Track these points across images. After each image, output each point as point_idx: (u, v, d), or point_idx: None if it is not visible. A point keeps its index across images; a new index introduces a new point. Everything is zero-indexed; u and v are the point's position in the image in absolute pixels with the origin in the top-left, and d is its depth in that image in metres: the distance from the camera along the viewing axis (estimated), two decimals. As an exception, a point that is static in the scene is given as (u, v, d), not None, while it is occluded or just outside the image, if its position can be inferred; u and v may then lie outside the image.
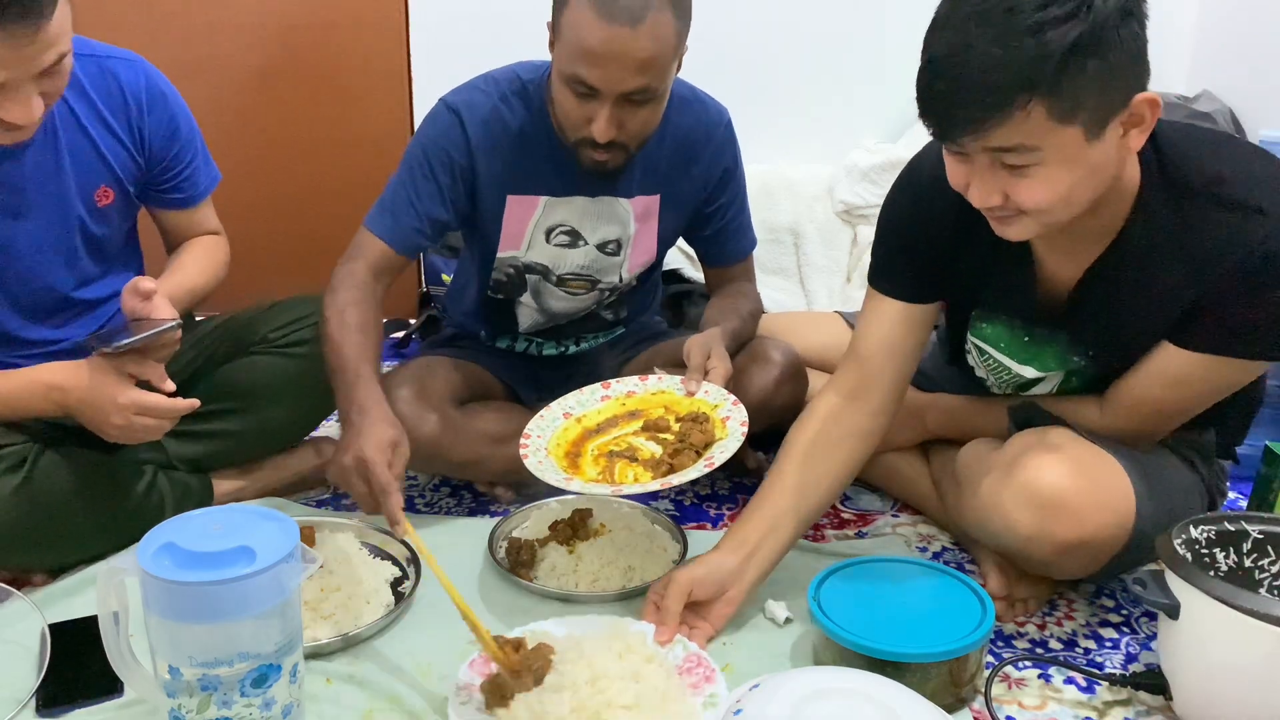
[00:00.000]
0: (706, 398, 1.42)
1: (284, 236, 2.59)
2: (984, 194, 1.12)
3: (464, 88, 1.59)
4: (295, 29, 2.48)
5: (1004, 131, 1.04)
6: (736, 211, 1.73)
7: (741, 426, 1.34)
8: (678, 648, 1.22)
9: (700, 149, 1.64)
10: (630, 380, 1.49)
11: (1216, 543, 1.19)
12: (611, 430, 1.43)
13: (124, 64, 1.46)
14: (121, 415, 1.32)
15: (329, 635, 1.25)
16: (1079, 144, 1.06)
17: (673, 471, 1.30)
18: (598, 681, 1.11)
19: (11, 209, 1.38)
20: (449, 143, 1.55)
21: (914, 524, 1.64)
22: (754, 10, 2.47)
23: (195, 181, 1.57)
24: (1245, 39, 2.31)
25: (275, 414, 1.60)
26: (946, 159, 1.15)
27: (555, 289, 1.70)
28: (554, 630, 1.24)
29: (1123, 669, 1.28)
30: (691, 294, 2.21)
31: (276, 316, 1.60)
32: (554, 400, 1.48)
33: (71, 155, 1.41)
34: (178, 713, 1.01)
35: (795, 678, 1.06)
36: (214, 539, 1.00)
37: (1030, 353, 1.35)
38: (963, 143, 1.08)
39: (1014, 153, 1.06)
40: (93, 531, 1.41)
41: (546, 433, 1.41)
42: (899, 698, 1.02)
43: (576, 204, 1.62)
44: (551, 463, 1.35)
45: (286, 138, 2.54)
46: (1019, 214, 1.12)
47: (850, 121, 2.51)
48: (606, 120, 1.41)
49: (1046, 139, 1.04)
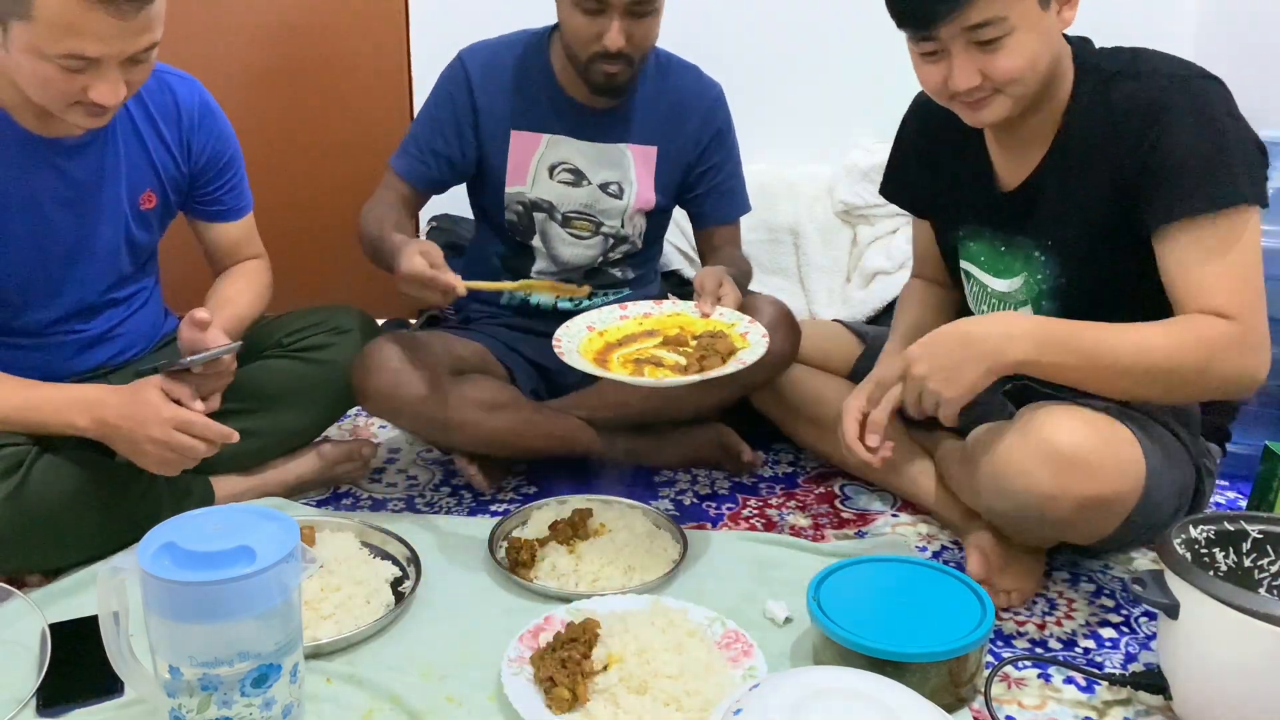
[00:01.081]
0: (721, 318, 1.51)
1: (284, 236, 2.57)
2: (965, 76, 1.26)
3: (477, 43, 1.78)
4: (295, 29, 2.47)
5: (979, 7, 1.20)
6: (729, 173, 1.85)
7: (763, 337, 1.44)
8: (716, 625, 1.27)
9: (693, 108, 1.80)
10: (645, 303, 1.58)
11: (1216, 543, 1.19)
12: (632, 345, 1.49)
13: (180, 80, 1.53)
14: (162, 429, 1.33)
15: (329, 635, 1.25)
16: (1037, 11, 1.23)
17: (704, 372, 1.37)
18: (644, 654, 1.17)
19: (77, 203, 1.43)
20: (453, 85, 1.74)
21: (914, 524, 1.64)
22: (754, 10, 2.47)
23: (240, 194, 1.65)
24: (1245, 39, 2.31)
25: (287, 417, 1.62)
26: (920, 64, 1.31)
27: (561, 230, 1.78)
28: (597, 608, 1.28)
29: (1122, 669, 1.28)
30: (692, 294, 2.21)
31: (291, 322, 1.66)
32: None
33: (126, 159, 1.47)
34: (178, 712, 1.01)
35: (795, 677, 1.06)
36: (214, 539, 1.00)
37: (1004, 262, 1.45)
38: (941, 29, 1.22)
39: (989, 26, 1.22)
40: (90, 535, 1.41)
41: (574, 340, 1.48)
42: (899, 698, 1.02)
43: (578, 146, 1.76)
44: (585, 361, 1.42)
45: (286, 138, 2.54)
46: (994, 93, 1.28)
47: (850, 121, 2.51)
48: (617, 30, 1.58)
49: (1012, 9, 1.21)
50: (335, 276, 2.56)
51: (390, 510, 1.67)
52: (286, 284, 1.82)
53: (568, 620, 1.25)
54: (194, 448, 1.35)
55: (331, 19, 2.47)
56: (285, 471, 1.66)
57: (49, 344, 1.48)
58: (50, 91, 1.26)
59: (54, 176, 1.40)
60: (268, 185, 2.52)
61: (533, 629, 1.25)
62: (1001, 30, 1.22)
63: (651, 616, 1.25)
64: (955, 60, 1.26)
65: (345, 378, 1.60)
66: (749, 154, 1.88)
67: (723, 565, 1.47)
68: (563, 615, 1.28)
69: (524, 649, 1.21)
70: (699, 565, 1.47)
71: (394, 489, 1.75)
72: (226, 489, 1.58)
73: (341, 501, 1.70)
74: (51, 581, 1.39)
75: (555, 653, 1.17)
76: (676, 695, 1.12)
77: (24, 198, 1.38)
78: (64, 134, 1.37)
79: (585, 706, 1.12)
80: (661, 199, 1.82)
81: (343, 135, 2.54)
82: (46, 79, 1.24)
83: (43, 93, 1.27)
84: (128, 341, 1.57)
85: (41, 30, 1.19)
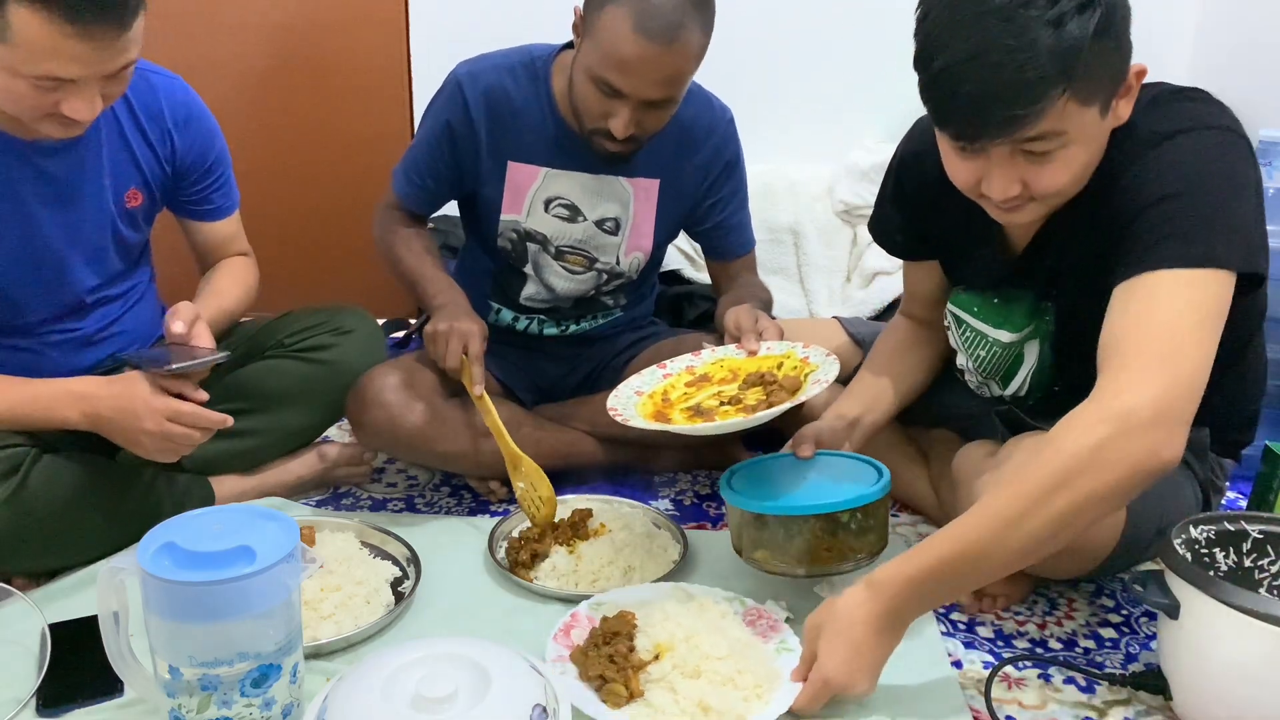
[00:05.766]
0: (771, 352, 1.43)
1: (284, 236, 2.58)
2: (1004, 186, 1.13)
3: (477, 58, 1.68)
4: (295, 29, 2.48)
5: (1039, 124, 1.06)
6: (737, 207, 1.78)
7: (828, 356, 1.35)
8: (736, 604, 1.30)
9: (702, 141, 1.70)
10: (684, 358, 1.48)
11: (1216, 543, 1.19)
12: (686, 400, 1.40)
13: (165, 80, 1.52)
14: (154, 420, 1.33)
15: (329, 635, 1.25)
16: (1096, 122, 1.10)
17: (774, 407, 1.27)
18: (690, 638, 1.19)
19: (61, 201, 1.42)
20: (449, 112, 1.65)
21: (914, 524, 1.64)
22: (754, 10, 2.47)
23: (228, 193, 1.64)
24: (1245, 39, 2.31)
25: (290, 417, 1.62)
26: (951, 156, 1.17)
27: (554, 263, 1.73)
28: (621, 600, 1.30)
29: (1123, 669, 1.28)
30: (692, 295, 2.21)
31: (292, 322, 1.66)
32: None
33: (110, 157, 1.46)
34: (178, 713, 1.01)
35: (400, 649, 1.07)
36: (214, 539, 1.00)
37: (1001, 314, 1.38)
38: (994, 143, 1.09)
39: (1042, 140, 1.08)
40: (90, 536, 1.40)
41: (629, 406, 1.38)
42: (492, 655, 1.05)
43: (577, 179, 1.68)
44: (651, 423, 1.32)
45: (286, 138, 2.54)
46: (1029, 200, 1.15)
47: (850, 121, 2.51)
48: (626, 121, 1.49)
49: (1072, 122, 1.07)
50: (336, 276, 2.56)
51: (390, 510, 1.67)
52: (287, 284, 1.82)
53: (595, 615, 1.26)
54: (188, 436, 1.35)
55: (331, 19, 2.48)
56: (285, 471, 1.66)
57: (43, 344, 1.48)
58: (23, 105, 1.25)
59: (34, 175, 1.39)
60: (268, 185, 2.54)
61: (563, 627, 1.25)
62: (1056, 145, 1.09)
63: (683, 602, 1.27)
64: (995, 168, 1.13)
65: (347, 378, 1.60)
66: (750, 153, 1.87)
67: (722, 565, 1.46)
68: (587, 611, 1.28)
69: (561, 648, 1.21)
70: (699, 565, 1.47)
71: (394, 489, 1.75)
72: (227, 489, 1.58)
73: (341, 501, 1.70)
74: (40, 585, 1.38)
75: (599, 649, 1.18)
76: (730, 675, 1.14)
77: (5, 196, 1.37)
78: (41, 137, 1.36)
79: (645, 697, 1.13)
80: (661, 234, 1.75)
81: (343, 135, 2.55)
82: (20, 94, 1.24)
83: (15, 106, 1.26)
84: (126, 340, 1.57)
85: (19, 53, 1.19)
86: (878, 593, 1.10)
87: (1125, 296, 1.09)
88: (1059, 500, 1.01)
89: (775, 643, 1.24)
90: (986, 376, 1.45)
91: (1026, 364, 1.40)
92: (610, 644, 1.18)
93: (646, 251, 1.75)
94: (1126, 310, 1.08)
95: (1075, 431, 1.02)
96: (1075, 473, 1.01)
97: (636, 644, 1.19)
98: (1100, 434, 1.01)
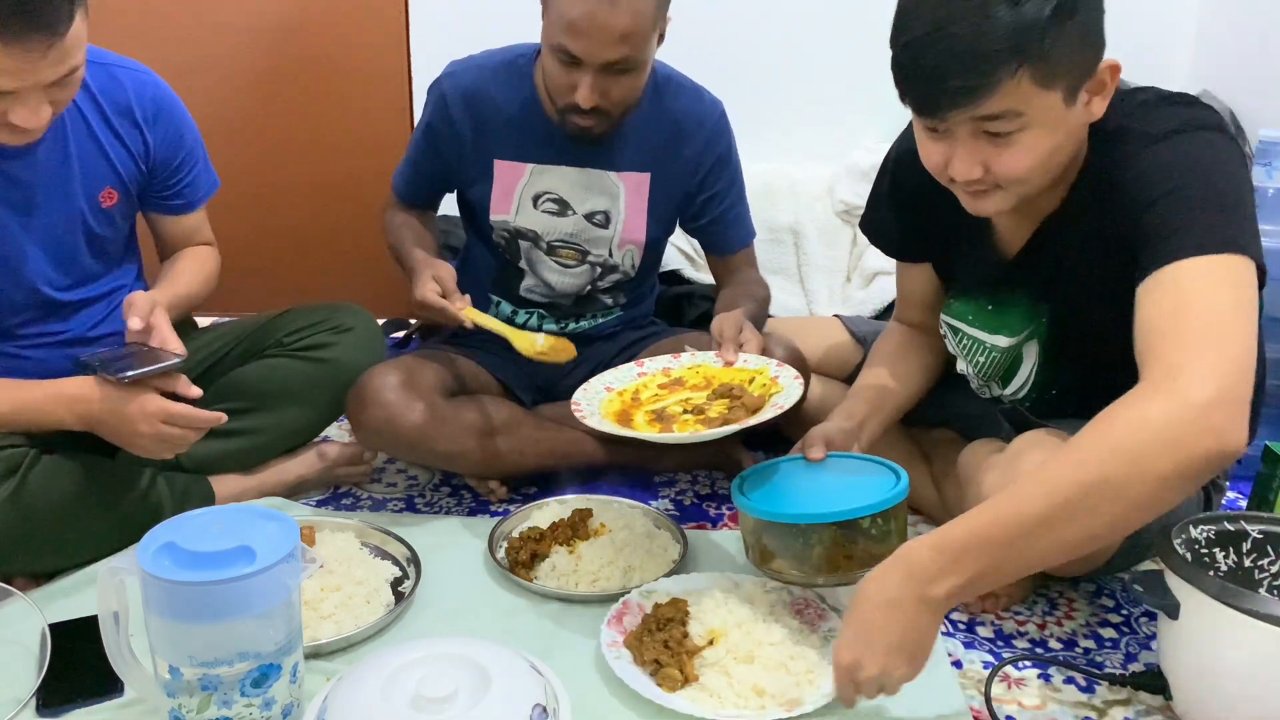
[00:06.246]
0: (747, 366, 1.43)
1: (284, 236, 2.58)
2: (966, 166, 1.15)
3: (464, 60, 1.72)
4: (295, 29, 2.47)
5: (993, 100, 1.07)
6: (733, 201, 1.79)
7: (796, 379, 1.36)
8: (783, 593, 1.31)
9: (692, 133, 1.71)
10: (663, 358, 1.49)
11: (1216, 543, 1.19)
12: (655, 402, 1.41)
13: (131, 74, 1.50)
14: (149, 423, 1.32)
15: (329, 635, 1.25)
16: (1059, 109, 1.11)
17: (728, 425, 1.28)
18: (743, 626, 1.22)
19: (21, 205, 1.40)
20: (433, 115, 1.70)
21: (914, 524, 1.64)
22: (755, 10, 2.47)
23: (196, 187, 1.61)
24: (1245, 39, 2.31)
25: (288, 416, 1.62)
26: (923, 139, 1.19)
27: (547, 258, 1.75)
28: (670, 587, 1.33)
29: (1123, 669, 1.28)
30: (692, 295, 2.21)
31: (291, 320, 1.65)
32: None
33: (79, 157, 1.44)
34: (178, 713, 1.01)
35: (386, 655, 1.08)
36: (214, 539, 1.00)
37: (997, 320, 1.39)
38: (950, 116, 1.11)
39: (1000, 120, 1.10)
40: (90, 537, 1.40)
41: (594, 402, 1.39)
42: (492, 655, 1.06)
43: (564, 173, 1.69)
44: (608, 423, 1.33)
45: (286, 138, 2.54)
46: (995, 188, 1.17)
47: (850, 121, 2.51)
48: (589, 88, 1.51)
49: (1031, 104, 1.09)
50: (335, 275, 2.56)
51: (390, 510, 1.67)
52: (287, 283, 1.82)
53: (646, 603, 1.29)
54: (183, 436, 1.35)
55: (331, 19, 2.48)
56: (285, 471, 1.66)
57: (29, 348, 1.47)
58: None
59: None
60: (267, 185, 2.54)
61: (615, 614, 1.27)
62: (1014, 125, 1.10)
63: (732, 590, 1.30)
64: (959, 147, 1.15)
65: (346, 376, 1.59)
66: (750, 153, 1.86)
67: (723, 566, 1.46)
68: (637, 599, 1.30)
69: (615, 634, 1.24)
70: (699, 565, 1.47)
71: (394, 489, 1.75)
72: (227, 489, 1.58)
73: (341, 501, 1.70)
74: (40, 585, 1.38)
75: (654, 635, 1.20)
76: (782, 660, 1.17)
77: None
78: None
79: (700, 681, 1.15)
80: (655, 229, 1.75)
81: (342, 135, 2.54)
82: None
83: None
84: (116, 341, 1.55)
85: None
86: (893, 563, 1.04)
87: (1152, 292, 1.05)
88: (1132, 487, 0.94)
89: (824, 630, 1.26)
90: (987, 379, 1.45)
91: (1027, 364, 1.40)
92: (664, 629, 1.21)
93: (640, 244, 1.76)
94: (1159, 304, 1.03)
95: (1131, 411, 0.97)
96: (1140, 455, 0.94)
97: (690, 630, 1.21)
98: (1161, 414, 0.94)
